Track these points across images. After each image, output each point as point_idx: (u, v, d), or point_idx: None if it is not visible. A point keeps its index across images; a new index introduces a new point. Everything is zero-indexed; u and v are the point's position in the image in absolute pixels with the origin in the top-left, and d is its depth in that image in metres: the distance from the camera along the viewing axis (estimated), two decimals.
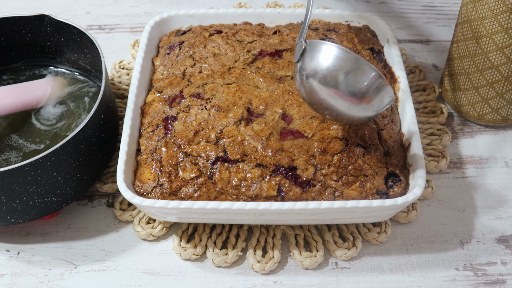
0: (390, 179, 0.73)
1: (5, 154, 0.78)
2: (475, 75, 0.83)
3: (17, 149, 0.78)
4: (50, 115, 0.82)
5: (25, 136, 0.80)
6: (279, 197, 0.71)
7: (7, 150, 0.78)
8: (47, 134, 0.80)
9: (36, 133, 0.80)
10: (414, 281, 0.73)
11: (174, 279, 0.73)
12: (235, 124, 0.75)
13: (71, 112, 0.82)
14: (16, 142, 0.79)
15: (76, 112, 0.82)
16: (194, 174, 0.72)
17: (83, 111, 0.82)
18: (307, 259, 0.74)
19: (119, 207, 0.79)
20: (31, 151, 0.78)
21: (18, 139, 0.79)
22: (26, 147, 0.78)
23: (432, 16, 1.07)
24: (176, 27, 0.92)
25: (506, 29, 0.77)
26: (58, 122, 0.81)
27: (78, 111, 0.83)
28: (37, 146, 0.79)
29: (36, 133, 0.80)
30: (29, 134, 0.80)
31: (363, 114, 0.67)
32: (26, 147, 0.78)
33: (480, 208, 0.80)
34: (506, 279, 0.73)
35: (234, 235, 0.76)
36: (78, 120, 0.81)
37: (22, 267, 0.74)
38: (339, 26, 0.89)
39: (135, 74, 0.82)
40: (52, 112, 0.82)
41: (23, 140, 0.79)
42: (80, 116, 0.82)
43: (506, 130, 0.89)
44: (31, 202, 0.71)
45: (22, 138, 0.80)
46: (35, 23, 0.84)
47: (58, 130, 0.80)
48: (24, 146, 0.78)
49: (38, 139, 0.79)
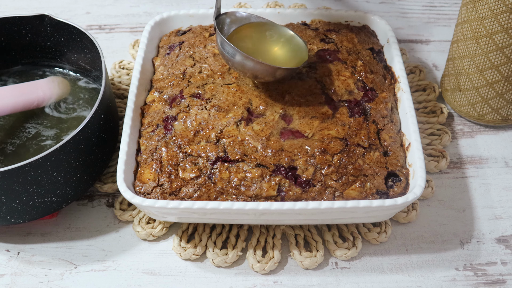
0: (390, 179, 0.73)
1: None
2: (475, 75, 0.84)
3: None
4: (51, 115, 0.82)
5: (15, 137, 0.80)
6: (279, 197, 0.71)
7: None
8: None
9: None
10: (414, 281, 0.73)
11: (174, 279, 0.73)
12: (235, 124, 0.75)
13: (77, 104, 0.83)
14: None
15: (82, 106, 0.83)
16: (194, 174, 0.72)
17: (83, 111, 0.82)
18: (307, 259, 0.74)
19: (119, 207, 0.79)
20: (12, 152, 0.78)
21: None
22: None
23: (432, 16, 1.07)
24: (176, 27, 0.92)
25: (506, 29, 0.77)
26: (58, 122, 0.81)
27: (78, 111, 0.83)
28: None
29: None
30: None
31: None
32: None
33: (480, 208, 0.80)
34: (506, 279, 0.73)
35: (234, 235, 0.76)
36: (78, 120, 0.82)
37: (22, 267, 0.74)
38: (339, 26, 0.89)
39: (135, 74, 0.82)
40: (52, 112, 0.82)
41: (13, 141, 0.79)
42: (86, 110, 0.82)
43: (506, 130, 0.89)
44: (31, 202, 0.71)
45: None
46: (35, 23, 0.84)
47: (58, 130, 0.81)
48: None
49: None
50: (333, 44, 0.85)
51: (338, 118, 0.76)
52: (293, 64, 0.77)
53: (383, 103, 0.79)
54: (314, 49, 0.84)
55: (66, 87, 0.84)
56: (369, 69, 0.82)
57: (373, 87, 0.80)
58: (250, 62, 0.73)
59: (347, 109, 0.77)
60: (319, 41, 0.85)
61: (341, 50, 0.84)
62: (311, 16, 0.91)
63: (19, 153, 0.77)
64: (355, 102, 0.78)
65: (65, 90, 0.84)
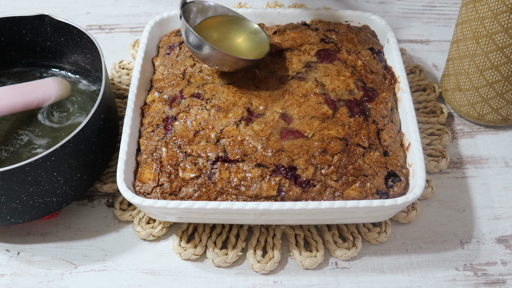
0: (390, 179, 0.73)
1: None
2: (475, 75, 0.84)
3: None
4: (42, 124, 0.82)
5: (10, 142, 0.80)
6: (279, 197, 0.71)
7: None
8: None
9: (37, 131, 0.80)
10: (414, 281, 0.73)
11: (174, 279, 0.73)
12: (235, 124, 0.75)
13: (71, 112, 0.82)
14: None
15: (76, 112, 0.83)
16: (194, 174, 0.72)
17: (77, 118, 0.82)
18: (307, 259, 0.74)
19: (119, 207, 0.79)
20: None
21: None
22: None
23: (432, 16, 1.07)
24: (176, 27, 0.91)
25: (506, 29, 0.77)
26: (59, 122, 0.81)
27: (78, 111, 0.83)
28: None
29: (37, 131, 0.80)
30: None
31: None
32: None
33: (480, 208, 0.80)
34: (506, 279, 0.73)
35: (234, 235, 0.76)
36: (78, 120, 0.82)
37: (22, 267, 0.74)
38: (339, 26, 0.89)
39: (135, 74, 0.82)
40: (44, 120, 0.82)
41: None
42: (80, 116, 0.82)
43: (506, 130, 0.89)
44: (31, 202, 0.71)
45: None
46: (35, 23, 0.84)
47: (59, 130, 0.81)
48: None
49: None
50: (333, 44, 0.85)
51: (338, 118, 0.76)
52: (254, 55, 0.80)
53: (383, 103, 0.79)
54: (314, 49, 0.84)
55: (66, 88, 0.84)
56: (369, 69, 0.82)
57: (373, 87, 0.80)
58: (213, 51, 0.75)
59: (347, 109, 0.77)
60: (319, 41, 0.85)
61: (341, 50, 0.84)
62: (311, 16, 0.91)
63: (13, 160, 0.77)
64: (355, 102, 0.78)
65: (65, 90, 0.84)
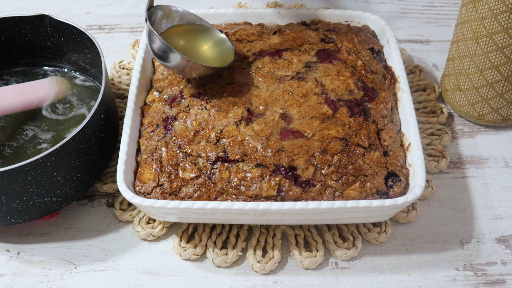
0: (390, 179, 0.73)
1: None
2: (475, 75, 0.84)
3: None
4: (48, 118, 0.82)
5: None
6: (279, 197, 0.71)
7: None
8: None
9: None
10: (414, 281, 0.73)
11: (174, 279, 0.73)
12: (235, 124, 0.75)
13: (68, 112, 0.82)
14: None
15: (78, 104, 0.83)
16: (194, 174, 0.72)
17: (79, 109, 0.82)
18: (307, 259, 0.74)
19: (119, 207, 0.79)
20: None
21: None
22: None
23: (432, 16, 1.07)
24: None
25: (506, 29, 0.77)
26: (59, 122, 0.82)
27: (75, 110, 0.83)
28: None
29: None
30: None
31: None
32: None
33: (480, 208, 0.80)
34: (506, 279, 0.73)
35: (234, 235, 0.76)
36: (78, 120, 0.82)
37: (22, 267, 0.74)
38: (339, 26, 0.89)
39: (135, 74, 0.82)
40: (50, 114, 0.82)
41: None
42: (81, 107, 0.82)
43: (506, 130, 0.89)
44: (31, 202, 0.71)
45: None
46: (35, 23, 0.84)
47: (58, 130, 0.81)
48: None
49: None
50: (333, 44, 0.85)
51: (338, 118, 0.76)
52: (218, 63, 0.80)
53: (383, 103, 0.79)
54: (314, 49, 0.84)
55: (66, 87, 0.84)
56: (369, 69, 0.82)
57: (373, 87, 0.80)
58: (177, 56, 0.75)
59: (347, 109, 0.77)
60: (319, 41, 0.85)
61: (341, 50, 0.84)
62: (311, 16, 0.91)
63: (18, 156, 0.77)
64: (355, 102, 0.78)
65: (65, 89, 0.84)
